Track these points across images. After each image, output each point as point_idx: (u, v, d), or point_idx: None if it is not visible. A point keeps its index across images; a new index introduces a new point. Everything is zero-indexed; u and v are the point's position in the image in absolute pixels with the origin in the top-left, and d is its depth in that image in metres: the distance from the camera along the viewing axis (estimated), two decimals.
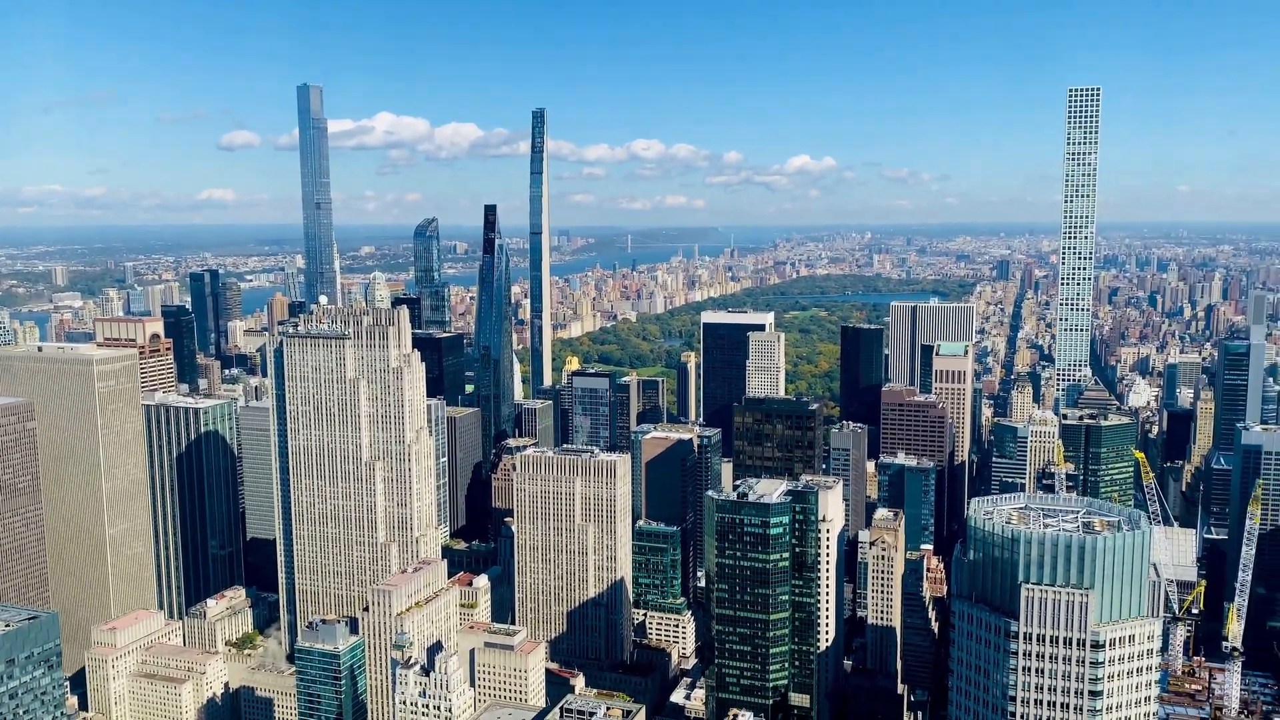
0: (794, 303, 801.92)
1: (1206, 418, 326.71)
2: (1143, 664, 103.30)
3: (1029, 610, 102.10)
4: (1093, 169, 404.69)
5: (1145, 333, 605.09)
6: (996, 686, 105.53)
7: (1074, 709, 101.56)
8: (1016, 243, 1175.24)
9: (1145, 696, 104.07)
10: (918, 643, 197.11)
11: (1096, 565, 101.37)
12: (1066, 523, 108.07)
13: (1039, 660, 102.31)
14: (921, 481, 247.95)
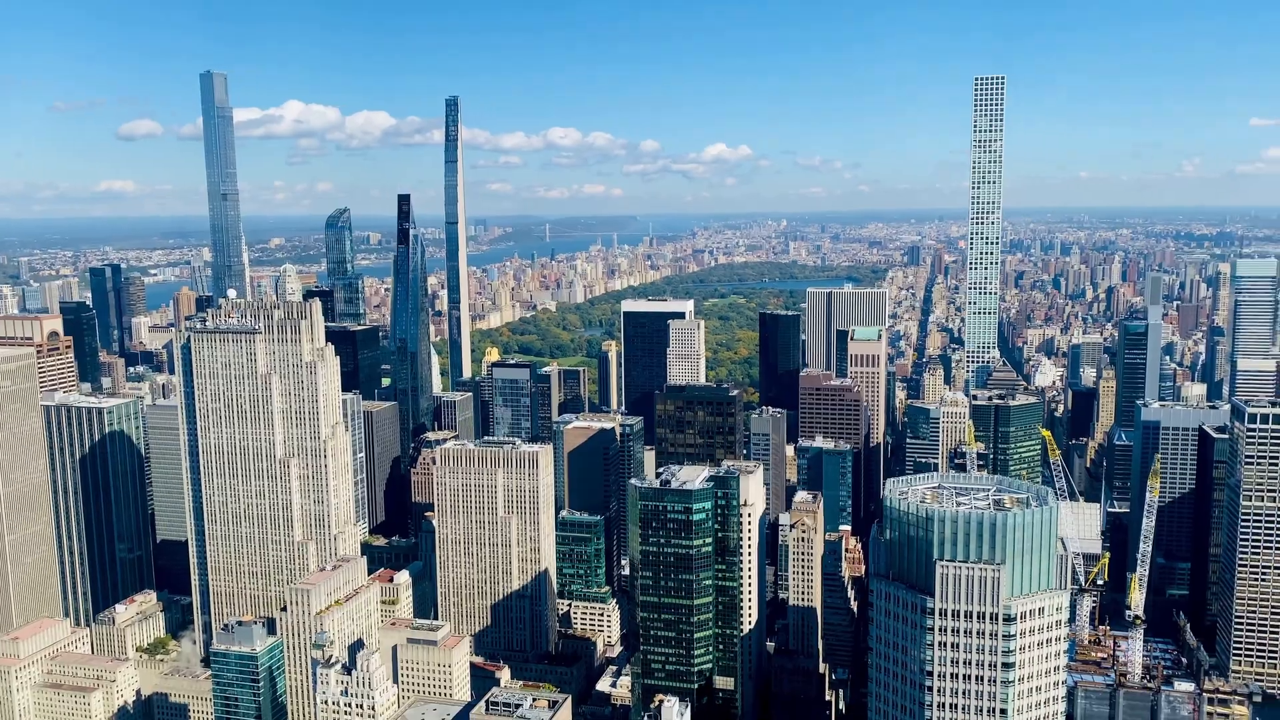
0: (713, 290, 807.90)
1: (1108, 396, 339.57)
2: (1052, 635, 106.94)
3: (944, 587, 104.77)
4: (998, 156, 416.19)
5: (1050, 314, 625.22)
6: (914, 662, 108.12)
7: (988, 681, 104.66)
8: (927, 229, 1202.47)
9: (1055, 666, 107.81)
10: (838, 622, 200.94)
11: (1007, 541, 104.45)
12: (978, 501, 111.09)
13: (954, 635, 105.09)
14: (839, 464, 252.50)
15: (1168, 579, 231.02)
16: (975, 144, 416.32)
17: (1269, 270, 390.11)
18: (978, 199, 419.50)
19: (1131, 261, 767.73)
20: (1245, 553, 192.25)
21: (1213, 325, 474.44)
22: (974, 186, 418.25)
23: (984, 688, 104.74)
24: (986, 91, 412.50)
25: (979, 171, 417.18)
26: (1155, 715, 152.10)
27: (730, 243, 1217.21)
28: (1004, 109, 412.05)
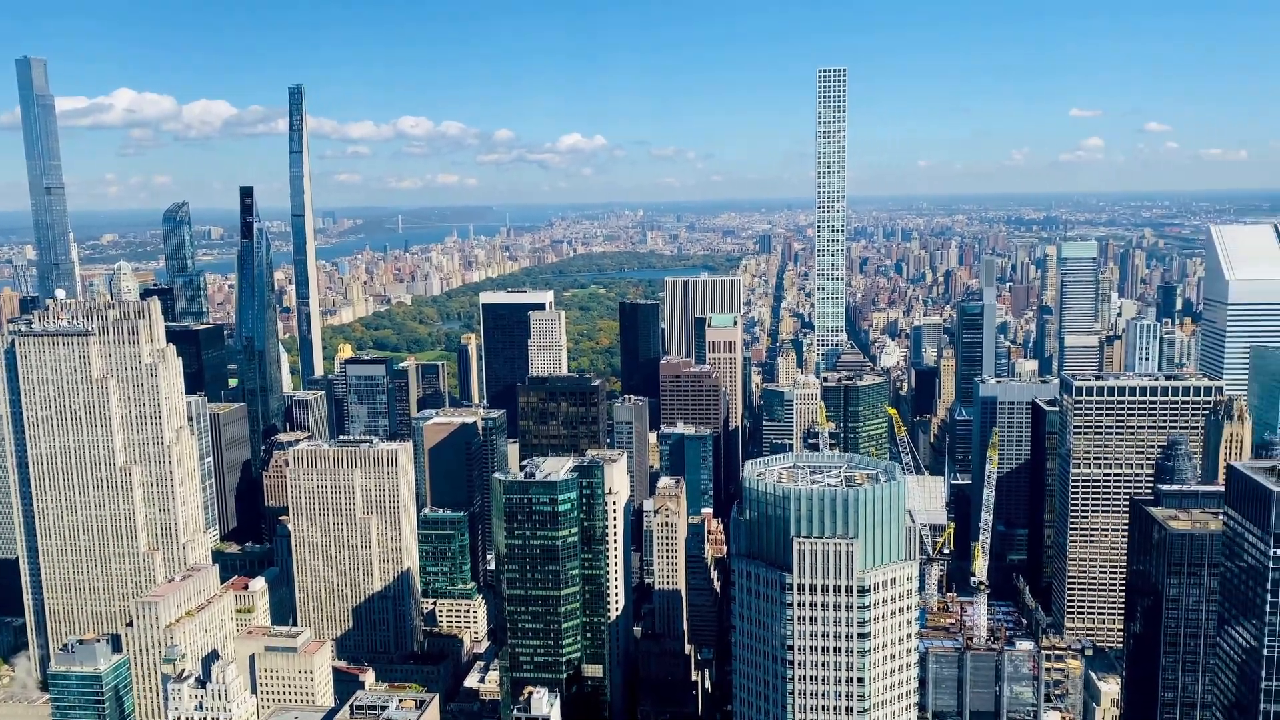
0: (573, 281, 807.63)
1: (949, 374, 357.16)
2: (904, 604, 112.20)
3: (801, 562, 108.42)
4: (842, 147, 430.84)
5: (893, 298, 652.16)
6: (775, 637, 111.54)
7: (845, 651, 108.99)
8: (777, 218, 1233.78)
9: (907, 634, 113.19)
10: (702, 603, 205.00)
11: (859, 516, 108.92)
12: (831, 478, 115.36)
13: (812, 609, 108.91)
14: (700, 448, 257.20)
15: (1007, 545, 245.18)
16: (820, 135, 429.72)
17: (1090, 252, 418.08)
18: (824, 188, 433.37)
19: (967, 246, 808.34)
20: (1076, 518, 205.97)
21: (1042, 305, 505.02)
22: (820, 176, 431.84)
23: (842, 658, 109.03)
24: (830, 84, 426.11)
25: (824, 162, 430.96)
26: (999, 674, 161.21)
27: (588, 233, 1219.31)
28: (847, 101, 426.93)
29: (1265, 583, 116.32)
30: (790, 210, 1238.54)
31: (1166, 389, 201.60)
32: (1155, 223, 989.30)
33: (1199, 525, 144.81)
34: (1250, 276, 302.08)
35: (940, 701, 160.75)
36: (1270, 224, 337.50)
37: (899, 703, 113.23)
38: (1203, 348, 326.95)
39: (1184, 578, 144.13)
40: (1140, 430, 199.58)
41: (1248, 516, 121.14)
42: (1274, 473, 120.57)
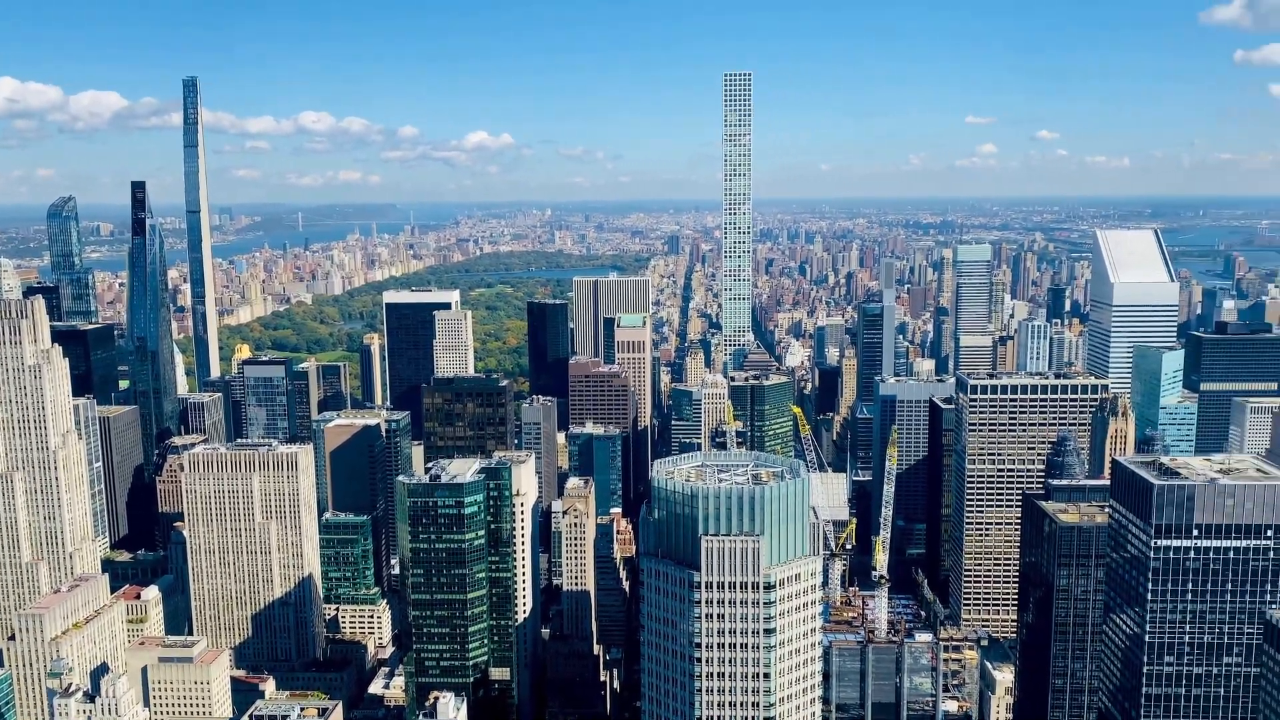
0: (479, 280, 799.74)
1: (851, 373, 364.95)
2: (808, 599, 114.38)
3: (709, 560, 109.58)
4: (747, 150, 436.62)
5: (798, 299, 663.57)
6: (683, 635, 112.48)
7: (751, 647, 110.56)
8: (685, 219, 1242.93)
9: (811, 629, 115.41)
10: (611, 603, 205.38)
11: (765, 513, 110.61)
12: (738, 476, 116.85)
13: (719, 606, 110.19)
14: (609, 448, 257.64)
15: (907, 539, 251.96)
16: (726, 138, 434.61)
17: (984, 255, 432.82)
18: (730, 191, 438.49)
19: (868, 249, 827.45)
20: (971, 512, 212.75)
21: (939, 306, 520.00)
22: (726, 179, 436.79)
23: (748, 654, 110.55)
24: (735, 88, 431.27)
25: (730, 164, 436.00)
26: (900, 666, 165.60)
27: (496, 231, 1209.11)
28: (752, 105, 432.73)
29: (1147, 572, 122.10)
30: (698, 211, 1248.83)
31: (1056, 387, 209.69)
32: (1045, 227, 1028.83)
33: (1086, 518, 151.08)
34: (1133, 280, 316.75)
35: (843, 694, 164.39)
36: (1151, 229, 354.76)
37: (803, 696, 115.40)
38: (1089, 347, 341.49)
39: (1073, 569, 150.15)
40: (1031, 427, 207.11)
41: (1131, 509, 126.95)
42: (1155, 467, 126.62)
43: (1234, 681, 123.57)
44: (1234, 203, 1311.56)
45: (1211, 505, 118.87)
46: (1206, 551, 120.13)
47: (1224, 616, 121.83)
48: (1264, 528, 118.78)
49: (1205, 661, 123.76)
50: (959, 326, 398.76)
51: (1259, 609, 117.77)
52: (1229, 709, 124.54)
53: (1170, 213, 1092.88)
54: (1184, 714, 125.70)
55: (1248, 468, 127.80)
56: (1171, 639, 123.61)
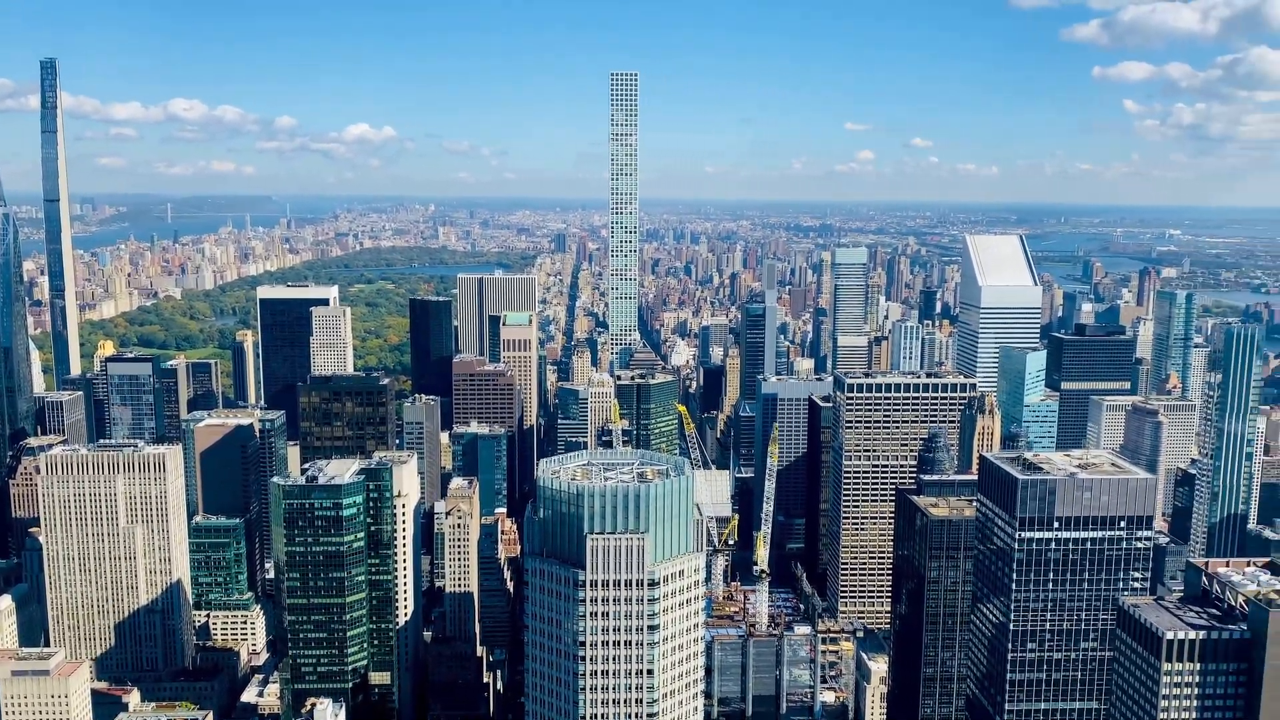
0: (359, 276, 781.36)
1: (734, 372, 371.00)
2: (691, 595, 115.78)
3: (594, 558, 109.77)
4: (634, 149, 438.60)
5: (683, 299, 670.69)
6: (568, 634, 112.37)
7: (635, 644, 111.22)
8: (571, 217, 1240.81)
9: (694, 624, 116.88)
10: (495, 604, 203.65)
11: (650, 510, 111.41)
12: (624, 474, 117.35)
13: (604, 604, 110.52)
14: (494, 448, 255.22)
15: (787, 534, 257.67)
16: (613, 137, 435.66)
17: (861, 258, 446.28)
18: (617, 190, 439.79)
19: (751, 250, 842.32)
20: (848, 507, 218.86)
21: (818, 307, 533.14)
22: (613, 178, 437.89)
23: (632, 651, 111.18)
24: (622, 88, 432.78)
25: (617, 164, 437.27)
26: (780, 659, 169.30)
27: (376, 226, 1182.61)
28: (638, 104, 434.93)
29: (1011, 563, 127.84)
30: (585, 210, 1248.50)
31: (927, 386, 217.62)
32: (919, 231, 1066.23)
33: (956, 512, 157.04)
34: (999, 283, 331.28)
35: (725, 688, 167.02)
36: (1017, 235, 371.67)
37: (686, 691, 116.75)
38: (959, 348, 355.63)
39: (943, 561, 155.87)
40: (904, 424, 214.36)
41: (997, 503, 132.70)
42: (1019, 463, 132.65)
43: (1090, 665, 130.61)
44: (1092, 211, 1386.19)
45: (1071, 499, 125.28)
46: (1066, 543, 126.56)
47: (1082, 604, 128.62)
48: (1117, 519, 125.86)
49: (1065, 647, 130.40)
50: (837, 327, 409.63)
51: (1113, 596, 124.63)
52: (1086, 692, 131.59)
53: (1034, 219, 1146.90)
54: (1045, 698, 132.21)
55: (1103, 462, 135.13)
56: (1034, 627, 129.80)
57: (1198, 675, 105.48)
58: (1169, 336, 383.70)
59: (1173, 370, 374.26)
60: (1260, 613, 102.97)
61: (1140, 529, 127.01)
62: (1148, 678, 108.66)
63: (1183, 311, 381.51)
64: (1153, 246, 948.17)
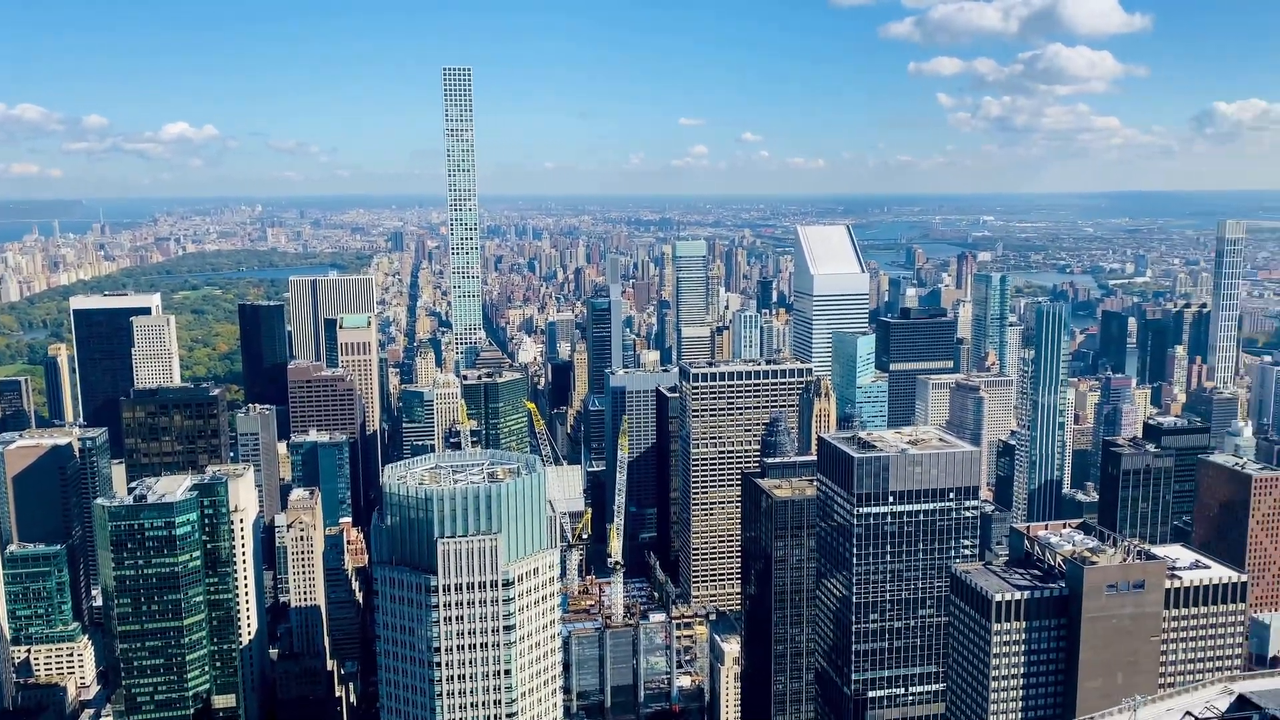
0: (183, 282, 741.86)
1: (582, 366, 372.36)
2: (546, 592, 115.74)
3: (446, 563, 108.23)
4: (470, 145, 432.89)
5: (528, 295, 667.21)
6: (421, 641, 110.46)
7: (492, 646, 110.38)
8: (409, 215, 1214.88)
9: (550, 621, 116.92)
10: (344, 616, 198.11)
11: (502, 510, 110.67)
12: (474, 476, 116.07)
13: (458, 608, 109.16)
14: (336, 456, 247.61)
15: (639, 525, 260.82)
16: (448, 133, 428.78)
17: (700, 251, 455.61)
18: (455, 186, 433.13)
19: (594, 245, 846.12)
20: (697, 493, 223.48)
21: (661, 299, 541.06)
22: (450, 174, 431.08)
23: (489, 653, 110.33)
24: (455, 82, 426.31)
25: (454, 160, 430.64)
26: (636, 647, 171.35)
27: (200, 229, 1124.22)
28: (472, 99, 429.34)
29: (851, 538, 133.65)
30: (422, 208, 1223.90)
31: (767, 373, 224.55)
32: (753, 224, 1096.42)
33: (798, 492, 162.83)
34: (830, 271, 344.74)
35: (584, 681, 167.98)
36: (844, 225, 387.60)
37: (545, 689, 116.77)
38: (795, 334, 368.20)
39: (788, 540, 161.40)
40: (747, 410, 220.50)
41: (836, 481, 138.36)
42: (855, 442, 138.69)
43: (928, 631, 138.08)
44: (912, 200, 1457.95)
45: (903, 473, 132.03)
46: (901, 516, 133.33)
47: (918, 573, 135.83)
48: (946, 491, 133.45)
49: (904, 615, 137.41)
50: (680, 318, 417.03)
51: (946, 564, 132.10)
52: (925, 656, 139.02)
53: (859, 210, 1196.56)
54: (888, 665, 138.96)
55: (931, 438, 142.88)
56: (875, 598, 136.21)
57: (1024, 633, 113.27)
58: (986, 317, 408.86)
59: (991, 348, 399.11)
60: (1076, 570, 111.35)
61: (967, 499, 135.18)
62: (980, 639, 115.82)
63: (998, 293, 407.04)
64: (969, 232, 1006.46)
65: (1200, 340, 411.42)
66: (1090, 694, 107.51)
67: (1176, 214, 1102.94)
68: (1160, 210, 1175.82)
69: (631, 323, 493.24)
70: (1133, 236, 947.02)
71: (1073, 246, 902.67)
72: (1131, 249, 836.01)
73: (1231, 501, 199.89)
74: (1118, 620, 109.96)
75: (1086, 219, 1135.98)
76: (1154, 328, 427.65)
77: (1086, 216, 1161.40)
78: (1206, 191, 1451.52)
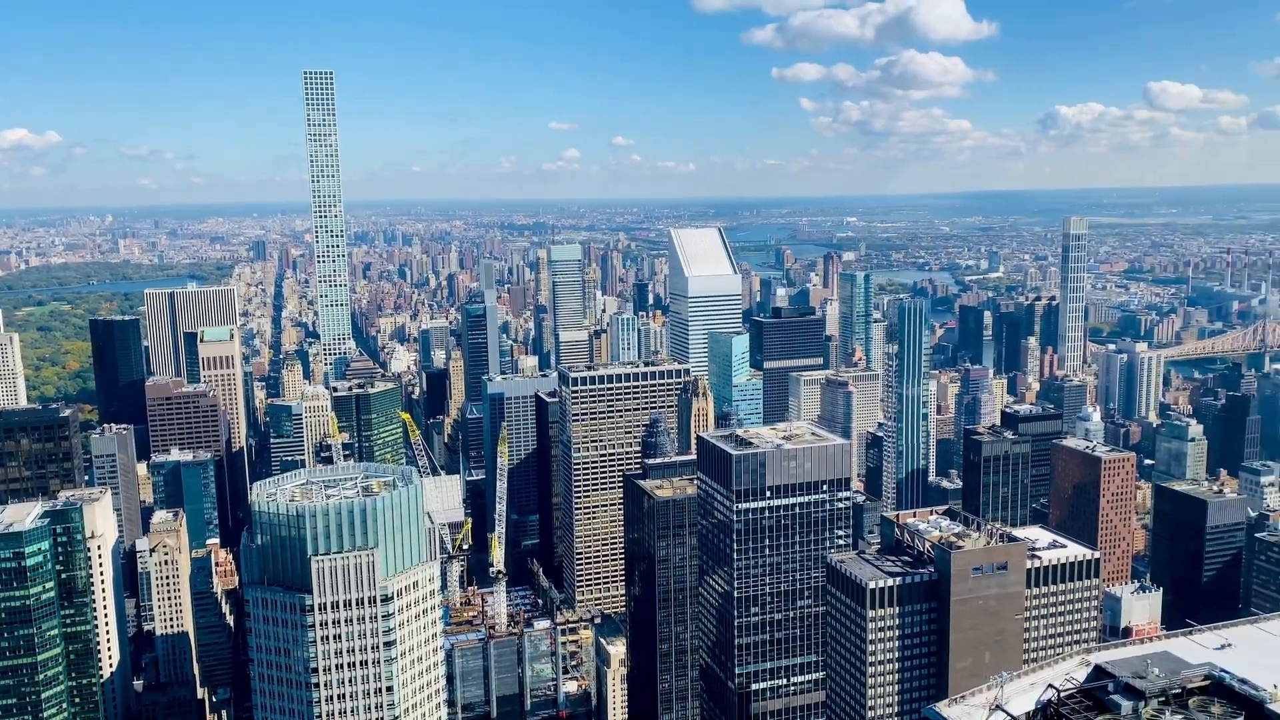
0: (27, 298, 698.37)
1: (458, 374, 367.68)
2: (427, 605, 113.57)
3: (321, 581, 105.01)
4: (335, 150, 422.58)
5: (399, 303, 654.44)
6: (298, 662, 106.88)
7: (372, 663, 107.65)
8: (271, 223, 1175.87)
9: (432, 634, 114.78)
10: (215, 641, 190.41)
11: (378, 524, 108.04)
12: (347, 490, 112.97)
13: (335, 626, 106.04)
14: (200, 475, 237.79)
15: (521, 532, 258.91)
16: (310, 138, 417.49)
17: (575, 255, 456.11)
18: (319, 193, 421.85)
19: (466, 250, 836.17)
20: (579, 498, 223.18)
21: (538, 304, 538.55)
22: (314, 180, 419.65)
23: (369, 670, 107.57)
24: (316, 86, 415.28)
25: (317, 165, 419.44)
26: (521, 656, 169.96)
27: (44, 241, 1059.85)
28: (335, 103, 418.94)
29: (732, 534, 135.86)
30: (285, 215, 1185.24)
31: (646, 374, 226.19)
32: (627, 227, 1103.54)
33: (679, 491, 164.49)
34: (703, 273, 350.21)
35: (468, 693, 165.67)
36: (715, 228, 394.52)
37: (428, 704, 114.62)
38: (672, 336, 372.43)
39: (670, 539, 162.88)
40: (627, 412, 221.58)
41: (715, 479, 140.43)
42: (732, 439, 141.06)
43: (807, 621, 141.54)
44: (780, 203, 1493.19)
45: (779, 468, 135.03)
46: (778, 510, 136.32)
47: (796, 565, 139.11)
48: (820, 483, 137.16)
49: (784, 607, 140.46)
50: (557, 323, 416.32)
51: (822, 554, 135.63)
52: (805, 646, 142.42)
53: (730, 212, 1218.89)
54: (770, 657, 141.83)
55: (805, 433, 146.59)
56: (755, 591, 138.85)
57: (897, 618, 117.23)
58: (852, 314, 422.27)
59: (858, 344, 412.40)
60: (944, 555, 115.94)
61: (840, 490, 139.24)
62: (856, 626, 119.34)
63: (862, 291, 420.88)
64: (834, 233, 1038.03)
65: (1051, 331, 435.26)
66: (961, 674, 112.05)
67: (1025, 212, 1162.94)
68: (1011, 209, 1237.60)
69: (508, 328, 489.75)
70: (986, 234, 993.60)
71: (931, 245, 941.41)
72: (985, 246, 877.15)
73: (1084, 483, 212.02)
74: (984, 601, 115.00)
75: (943, 218, 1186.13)
76: (1008, 320, 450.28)
77: (943, 216, 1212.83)
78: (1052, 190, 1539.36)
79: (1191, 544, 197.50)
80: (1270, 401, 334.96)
